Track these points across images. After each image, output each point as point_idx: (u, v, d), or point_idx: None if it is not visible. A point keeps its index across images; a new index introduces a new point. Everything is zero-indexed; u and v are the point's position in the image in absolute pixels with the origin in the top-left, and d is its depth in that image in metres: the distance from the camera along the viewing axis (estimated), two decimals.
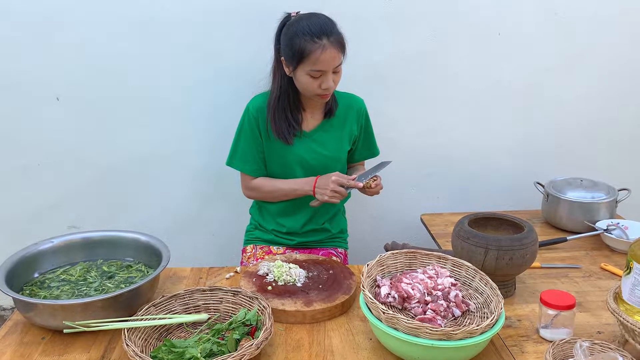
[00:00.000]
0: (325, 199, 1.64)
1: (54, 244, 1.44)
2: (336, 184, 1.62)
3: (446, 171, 2.24)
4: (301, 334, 1.25)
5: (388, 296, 1.24)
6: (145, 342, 1.15)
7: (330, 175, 1.64)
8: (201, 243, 2.24)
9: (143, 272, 1.41)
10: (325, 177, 1.67)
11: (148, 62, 1.98)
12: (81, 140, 2.05)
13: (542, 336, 1.24)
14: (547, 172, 2.14)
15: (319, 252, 1.84)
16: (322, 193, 1.65)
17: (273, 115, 1.68)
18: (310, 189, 1.68)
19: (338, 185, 1.62)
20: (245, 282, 1.41)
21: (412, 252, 1.37)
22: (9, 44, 1.92)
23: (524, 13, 2.05)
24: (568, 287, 1.48)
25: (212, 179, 2.15)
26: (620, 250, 1.69)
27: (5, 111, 1.99)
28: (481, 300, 1.26)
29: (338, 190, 1.62)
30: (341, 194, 1.63)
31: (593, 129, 2.24)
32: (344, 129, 1.78)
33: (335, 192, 1.62)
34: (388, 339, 1.12)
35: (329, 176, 1.65)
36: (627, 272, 1.14)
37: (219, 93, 2.04)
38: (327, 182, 1.63)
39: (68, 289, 1.33)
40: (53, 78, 1.96)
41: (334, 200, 1.64)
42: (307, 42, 1.53)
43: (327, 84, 1.58)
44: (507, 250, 1.32)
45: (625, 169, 2.27)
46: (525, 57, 2.11)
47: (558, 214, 1.88)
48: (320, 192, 1.66)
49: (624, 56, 2.15)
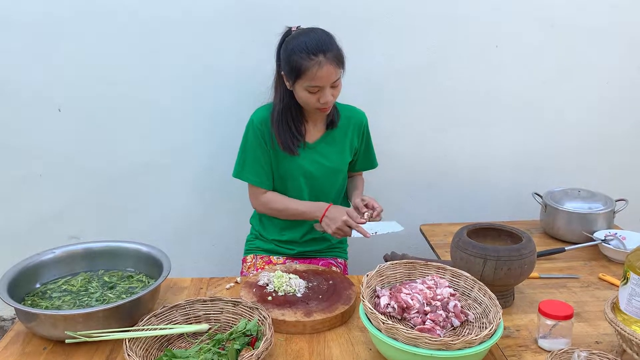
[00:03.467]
0: (329, 232, 1.64)
1: (56, 255, 1.44)
2: (345, 224, 1.60)
3: (445, 182, 2.26)
4: (301, 344, 1.26)
5: (387, 306, 1.25)
6: (146, 352, 1.16)
7: (343, 212, 1.62)
8: (202, 253, 2.25)
9: (144, 282, 1.42)
10: (337, 210, 1.64)
11: (148, 73, 2.00)
12: (82, 150, 2.06)
13: (541, 346, 1.25)
14: (545, 183, 2.15)
15: (318, 262, 1.85)
16: (328, 224, 1.64)
17: (277, 127, 1.69)
18: (320, 215, 1.67)
19: (346, 226, 1.61)
20: (245, 292, 1.42)
21: (411, 262, 1.38)
22: (10, 55, 1.94)
23: (521, 25, 2.08)
24: (566, 297, 1.49)
25: (213, 189, 2.16)
26: (618, 260, 1.70)
27: (7, 121, 2.01)
28: (480, 310, 1.27)
29: (344, 230, 1.61)
30: (345, 234, 1.62)
31: (590, 140, 2.26)
32: (345, 140, 1.79)
33: (340, 230, 1.62)
34: (387, 349, 1.13)
35: (342, 212, 1.62)
36: (624, 283, 1.15)
37: (219, 103, 2.06)
38: (337, 218, 1.61)
39: (69, 299, 1.34)
40: (54, 88, 1.98)
41: (336, 236, 1.64)
42: (304, 59, 1.55)
43: (325, 99, 1.60)
44: (505, 260, 1.33)
45: (623, 179, 2.28)
46: (522, 69, 2.13)
47: (556, 225, 1.89)
48: (327, 222, 1.64)
49: (621, 67, 2.18)
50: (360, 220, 1.60)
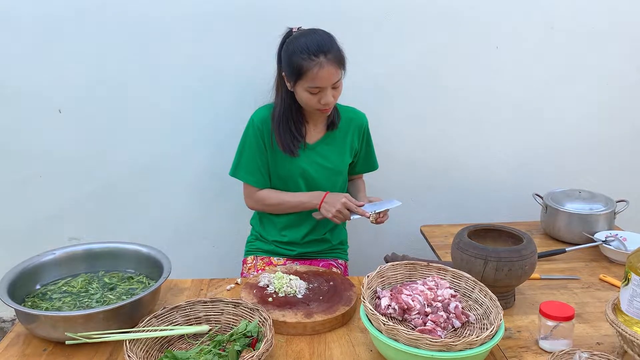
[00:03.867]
0: (329, 216, 1.66)
1: (56, 256, 1.44)
2: (344, 207, 1.63)
3: (446, 183, 2.26)
4: (302, 346, 1.26)
5: (388, 307, 1.25)
6: (146, 354, 1.15)
7: (340, 196, 1.66)
8: (202, 254, 2.25)
9: (144, 283, 1.42)
10: (335, 195, 1.68)
11: (148, 75, 2.00)
12: (82, 151, 2.07)
13: (542, 347, 1.25)
14: (546, 183, 2.15)
15: (319, 264, 1.85)
16: (327, 209, 1.66)
17: (278, 128, 1.70)
18: (318, 202, 1.69)
19: (345, 208, 1.63)
20: (246, 293, 1.42)
21: (412, 263, 1.38)
22: (11, 56, 1.94)
23: (522, 26, 2.08)
24: (567, 299, 1.49)
25: (213, 190, 2.16)
26: (619, 261, 1.70)
27: (7, 123, 2.01)
28: (481, 311, 1.26)
29: (344, 213, 1.63)
30: (345, 217, 1.64)
31: (591, 141, 2.26)
32: (345, 142, 1.80)
33: (340, 213, 1.64)
34: (388, 350, 1.13)
35: (339, 196, 1.66)
36: (625, 284, 1.15)
37: (219, 104, 2.06)
38: (336, 201, 1.65)
39: (70, 300, 1.34)
40: (54, 90, 1.98)
41: (335, 220, 1.66)
42: (305, 60, 1.56)
43: (326, 100, 1.60)
44: (506, 261, 1.33)
45: (624, 180, 2.28)
46: (523, 69, 2.13)
47: (557, 226, 1.89)
48: (326, 207, 1.67)
49: (621, 69, 2.18)
50: (359, 202, 1.63)
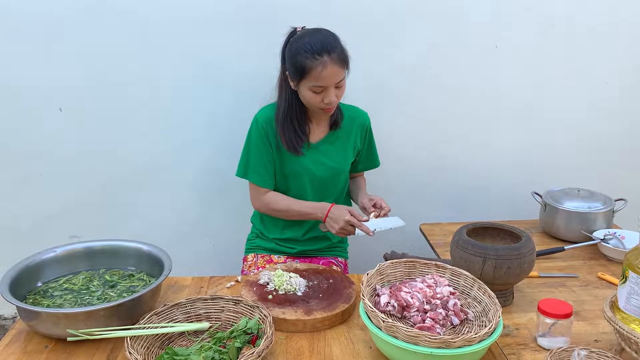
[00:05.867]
0: (333, 232, 1.64)
1: (57, 254, 1.45)
2: (348, 224, 1.60)
3: (445, 181, 2.26)
4: (301, 343, 1.26)
5: (387, 305, 1.26)
6: (147, 351, 1.16)
7: (345, 212, 1.61)
8: (202, 252, 2.25)
9: (145, 281, 1.42)
10: (340, 209, 1.64)
11: (149, 73, 2.00)
12: (83, 149, 2.07)
13: (540, 344, 1.25)
14: (545, 182, 2.16)
15: (319, 262, 1.85)
16: (332, 225, 1.64)
17: (282, 127, 1.70)
18: (323, 215, 1.67)
19: (349, 225, 1.60)
20: (246, 291, 1.43)
21: (411, 261, 1.38)
22: (11, 55, 1.94)
23: (521, 25, 2.08)
24: (565, 296, 1.49)
25: (213, 188, 2.17)
26: (617, 259, 1.70)
27: (8, 121, 2.01)
28: (479, 308, 1.27)
29: (347, 229, 1.61)
30: (349, 232, 1.62)
31: (590, 139, 2.26)
32: (348, 141, 1.80)
33: (344, 230, 1.62)
34: (388, 347, 1.13)
35: (344, 213, 1.61)
36: (623, 281, 1.16)
37: (219, 103, 2.06)
38: (340, 218, 1.61)
39: (71, 297, 1.34)
40: (55, 89, 1.99)
41: (339, 235, 1.64)
42: (308, 59, 1.56)
43: (330, 99, 1.61)
44: (504, 259, 1.34)
45: (622, 179, 2.29)
46: (522, 68, 2.14)
47: (555, 224, 1.89)
48: (331, 223, 1.64)
49: (620, 67, 2.18)
50: (363, 218, 1.61)
